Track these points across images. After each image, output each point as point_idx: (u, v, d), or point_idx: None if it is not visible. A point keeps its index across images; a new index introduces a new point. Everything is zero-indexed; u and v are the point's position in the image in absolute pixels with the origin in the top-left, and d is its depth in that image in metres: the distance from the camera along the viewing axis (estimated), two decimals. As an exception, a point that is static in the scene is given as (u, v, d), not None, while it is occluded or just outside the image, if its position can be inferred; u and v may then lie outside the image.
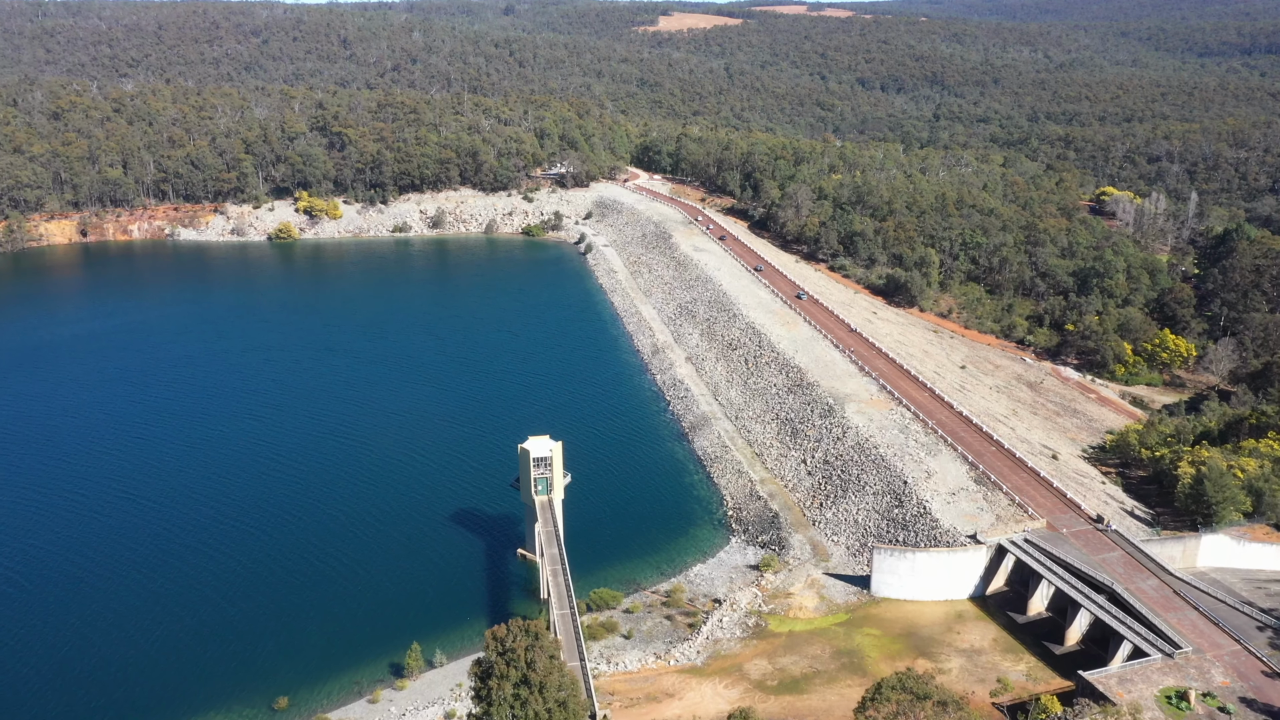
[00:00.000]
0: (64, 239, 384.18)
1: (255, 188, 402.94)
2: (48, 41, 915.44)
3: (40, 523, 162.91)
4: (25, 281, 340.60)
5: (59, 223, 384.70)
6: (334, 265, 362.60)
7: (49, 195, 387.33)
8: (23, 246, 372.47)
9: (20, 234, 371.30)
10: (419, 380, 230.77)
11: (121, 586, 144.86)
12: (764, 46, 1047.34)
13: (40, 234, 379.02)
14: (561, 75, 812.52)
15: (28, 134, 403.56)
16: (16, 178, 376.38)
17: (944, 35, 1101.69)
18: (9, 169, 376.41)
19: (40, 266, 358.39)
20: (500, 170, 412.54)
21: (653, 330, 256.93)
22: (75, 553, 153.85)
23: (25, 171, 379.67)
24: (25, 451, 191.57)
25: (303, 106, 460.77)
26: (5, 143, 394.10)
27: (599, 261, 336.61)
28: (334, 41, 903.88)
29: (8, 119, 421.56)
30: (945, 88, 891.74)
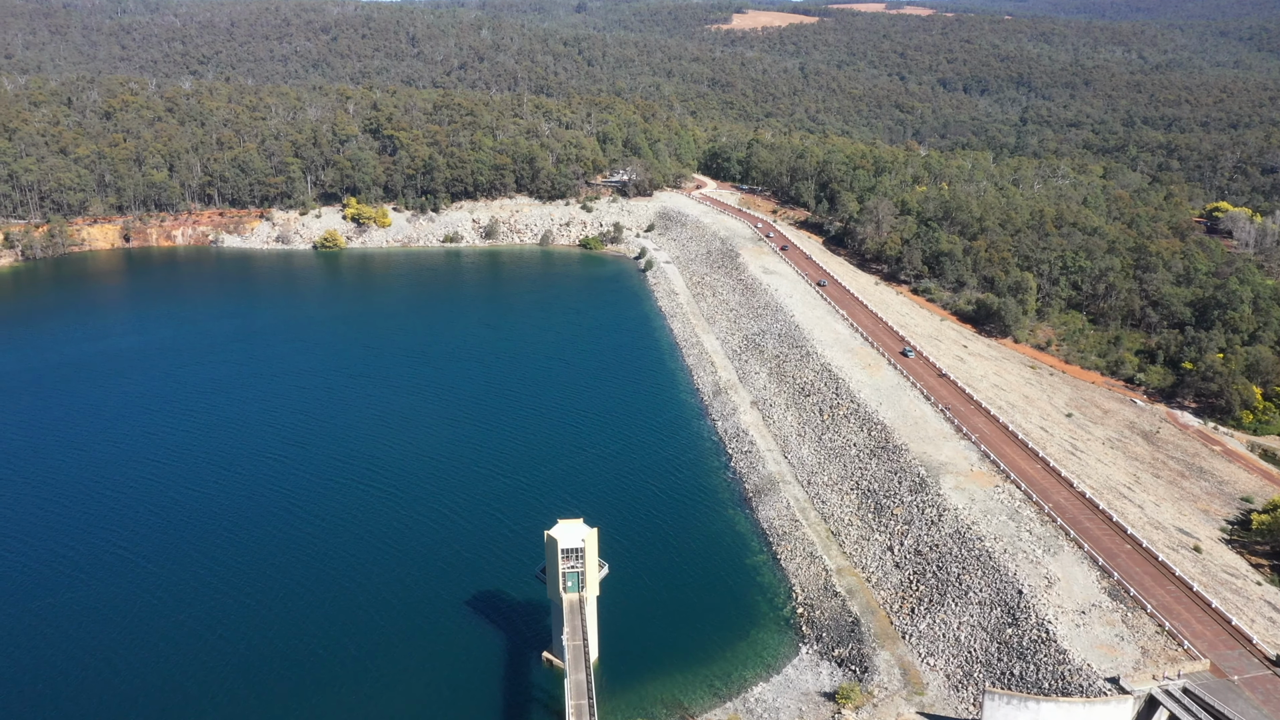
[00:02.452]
0: (106, 244, 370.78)
1: (303, 193, 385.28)
2: (124, 38, 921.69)
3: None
4: (62, 289, 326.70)
5: (102, 227, 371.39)
6: (380, 278, 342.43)
7: (93, 198, 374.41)
8: (64, 251, 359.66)
9: (62, 238, 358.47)
10: (458, 417, 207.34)
11: (93, 644, 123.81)
12: (841, 45, 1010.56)
13: (83, 238, 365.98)
14: (630, 75, 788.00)
15: (75, 135, 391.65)
16: (59, 180, 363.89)
17: (1030, 34, 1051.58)
18: (51, 171, 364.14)
19: (80, 274, 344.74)
20: (558, 178, 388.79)
21: (715, 366, 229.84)
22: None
23: (68, 174, 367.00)
24: (13, 496, 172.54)
25: (357, 108, 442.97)
26: (51, 143, 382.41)
27: (659, 280, 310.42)
28: (402, 39, 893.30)
29: (57, 118, 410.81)
30: (1032, 89, 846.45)
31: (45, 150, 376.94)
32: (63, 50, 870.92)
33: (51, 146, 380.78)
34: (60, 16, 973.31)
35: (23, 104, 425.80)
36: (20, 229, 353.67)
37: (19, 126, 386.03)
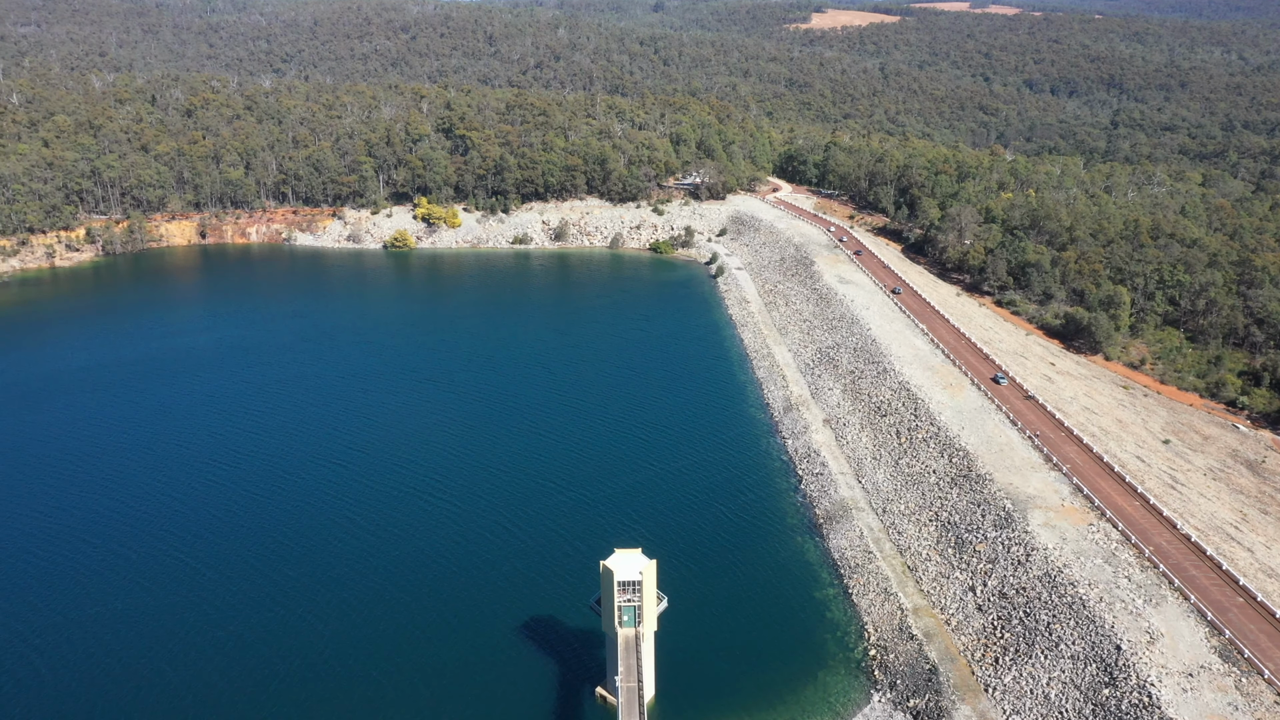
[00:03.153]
0: (183, 240, 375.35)
1: (375, 192, 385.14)
2: (211, 36, 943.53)
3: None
4: (139, 284, 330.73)
5: (179, 223, 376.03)
6: (449, 279, 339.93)
7: (171, 195, 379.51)
8: (143, 247, 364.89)
9: (141, 234, 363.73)
10: (521, 426, 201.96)
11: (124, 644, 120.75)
12: (923, 45, 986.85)
13: (161, 234, 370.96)
14: (706, 74, 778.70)
15: (156, 132, 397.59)
16: (139, 177, 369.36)
17: (1123, 34, 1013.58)
18: (132, 168, 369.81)
19: (157, 269, 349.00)
20: (630, 179, 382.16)
21: (786, 380, 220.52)
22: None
23: (148, 171, 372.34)
24: (78, 492, 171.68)
25: (431, 107, 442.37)
26: (133, 140, 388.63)
27: (730, 288, 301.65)
28: (480, 38, 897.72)
29: (140, 115, 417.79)
30: (1124, 91, 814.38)
31: (127, 147, 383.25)
32: (154, 48, 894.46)
33: (134, 144, 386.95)
34: (153, 16, 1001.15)
35: (109, 102, 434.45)
36: (101, 224, 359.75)
37: (104, 124, 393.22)
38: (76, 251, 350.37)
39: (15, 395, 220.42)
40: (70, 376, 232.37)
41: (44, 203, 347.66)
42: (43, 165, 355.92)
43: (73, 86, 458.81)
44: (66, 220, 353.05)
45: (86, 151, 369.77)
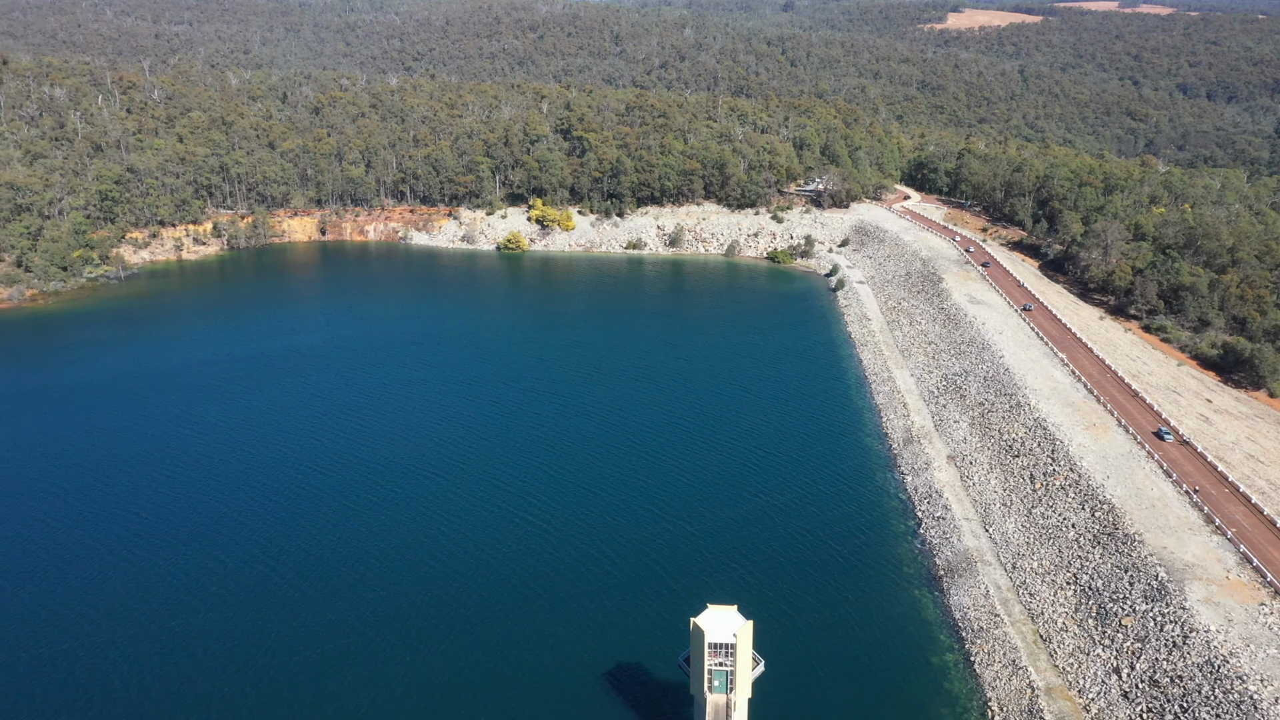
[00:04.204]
0: (304, 236, 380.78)
1: (490, 193, 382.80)
2: (348, 35, 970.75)
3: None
4: (260, 280, 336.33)
5: (301, 219, 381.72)
6: (560, 284, 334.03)
7: (295, 191, 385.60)
8: (265, 242, 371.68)
9: (264, 229, 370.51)
10: (622, 445, 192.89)
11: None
12: (1066, 47, 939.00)
13: (283, 230, 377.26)
14: (835, 76, 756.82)
15: (284, 129, 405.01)
16: (265, 173, 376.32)
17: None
18: (258, 165, 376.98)
19: (278, 264, 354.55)
20: (749, 185, 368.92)
21: (907, 408, 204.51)
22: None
23: (274, 167, 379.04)
24: (178, 494, 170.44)
25: (551, 107, 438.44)
26: (262, 137, 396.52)
27: (851, 302, 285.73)
28: (606, 37, 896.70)
29: (270, 113, 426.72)
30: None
31: (256, 144, 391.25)
32: (294, 46, 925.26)
33: (262, 140, 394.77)
34: (295, 15, 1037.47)
35: (242, 99, 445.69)
36: (227, 219, 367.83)
37: (235, 121, 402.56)
38: (203, 245, 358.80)
39: (132, 390, 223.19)
40: (186, 373, 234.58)
41: (175, 197, 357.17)
42: (176, 160, 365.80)
43: (210, 83, 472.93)
44: (195, 214, 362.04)
45: (217, 147, 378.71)
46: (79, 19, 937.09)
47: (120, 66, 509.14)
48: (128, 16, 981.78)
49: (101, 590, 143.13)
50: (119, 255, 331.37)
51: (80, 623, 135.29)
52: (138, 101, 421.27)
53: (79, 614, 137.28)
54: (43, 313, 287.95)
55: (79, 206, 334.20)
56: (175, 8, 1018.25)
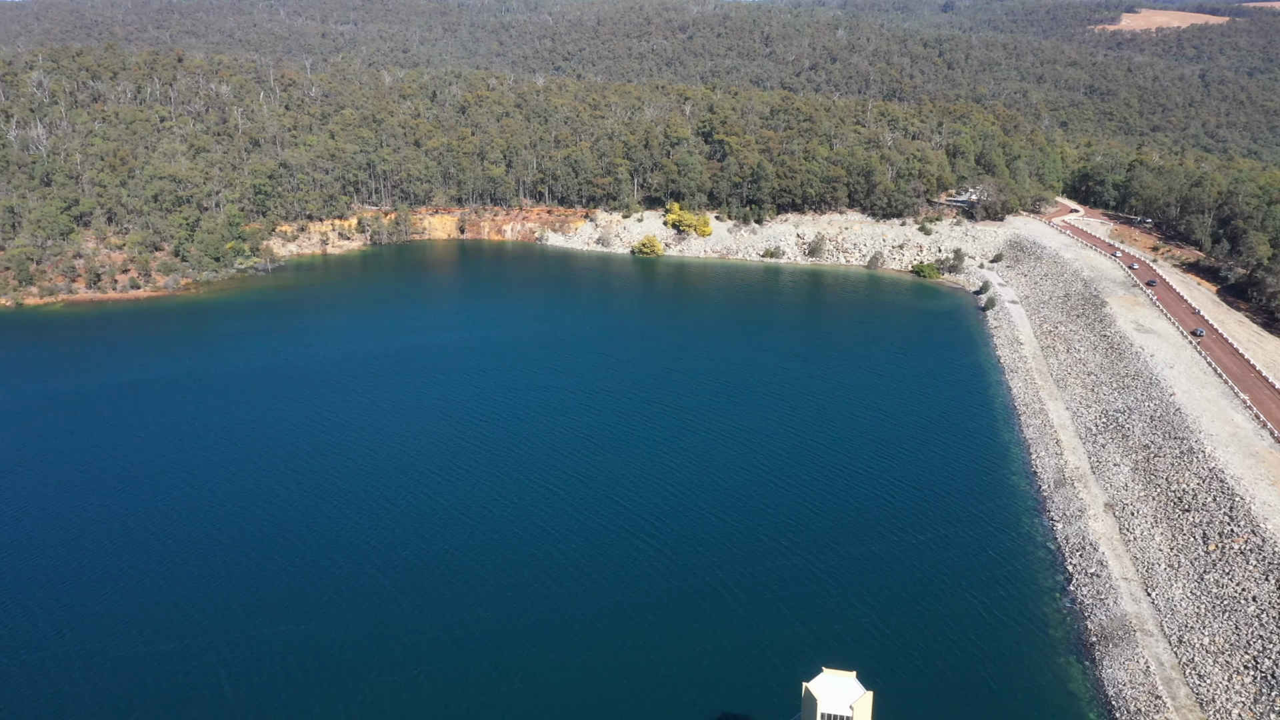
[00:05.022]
0: (444, 234, 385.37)
1: (628, 195, 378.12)
2: (502, 35, 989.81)
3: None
4: (400, 276, 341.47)
5: (441, 217, 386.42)
6: (693, 291, 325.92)
7: (437, 189, 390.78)
8: (406, 238, 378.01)
9: (406, 226, 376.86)
10: (746, 469, 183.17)
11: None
12: (1255, 50, 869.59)
13: (423, 227, 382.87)
14: (994, 79, 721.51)
15: (430, 127, 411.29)
16: (409, 171, 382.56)
17: None
18: (403, 162, 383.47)
19: (417, 261, 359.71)
20: (896, 194, 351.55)
21: (1060, 445, 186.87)
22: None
23: (418, 165, 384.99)
24: (288, 504, 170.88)
25: (694, 109, 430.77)
26: (408, 135, 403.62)
27: (1001, 323, 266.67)
28: (756, 38, 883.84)
29: (419, 111, 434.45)
30: None
31: (402, 141, 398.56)
32: (450, 46, 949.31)
33: (408, 138, 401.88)
34: (454, 15, 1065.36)
35: (394, 97, 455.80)
36: (371, 215, 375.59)
37: (385, 118, 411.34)
38: (347, 240, 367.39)
39: (268, 383, 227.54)
40: (319, 368, 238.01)
41: (323, 192, 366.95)
42: (326, 156, 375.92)
43: (365, 82, 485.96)
44: (341, 210, 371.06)
45: (366, 144, 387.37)
46: (255, 19, 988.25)
47: (284, 64, 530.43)
48: (299, 16, 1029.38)
49: (219, 586, 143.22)
50: (268, 248, 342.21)
51: (198, 618, 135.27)
52: (296, 98, 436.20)
53: (199, 609, 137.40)
54: (194, 301, 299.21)
55: (234, 199, 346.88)
56: (342, 8, 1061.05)
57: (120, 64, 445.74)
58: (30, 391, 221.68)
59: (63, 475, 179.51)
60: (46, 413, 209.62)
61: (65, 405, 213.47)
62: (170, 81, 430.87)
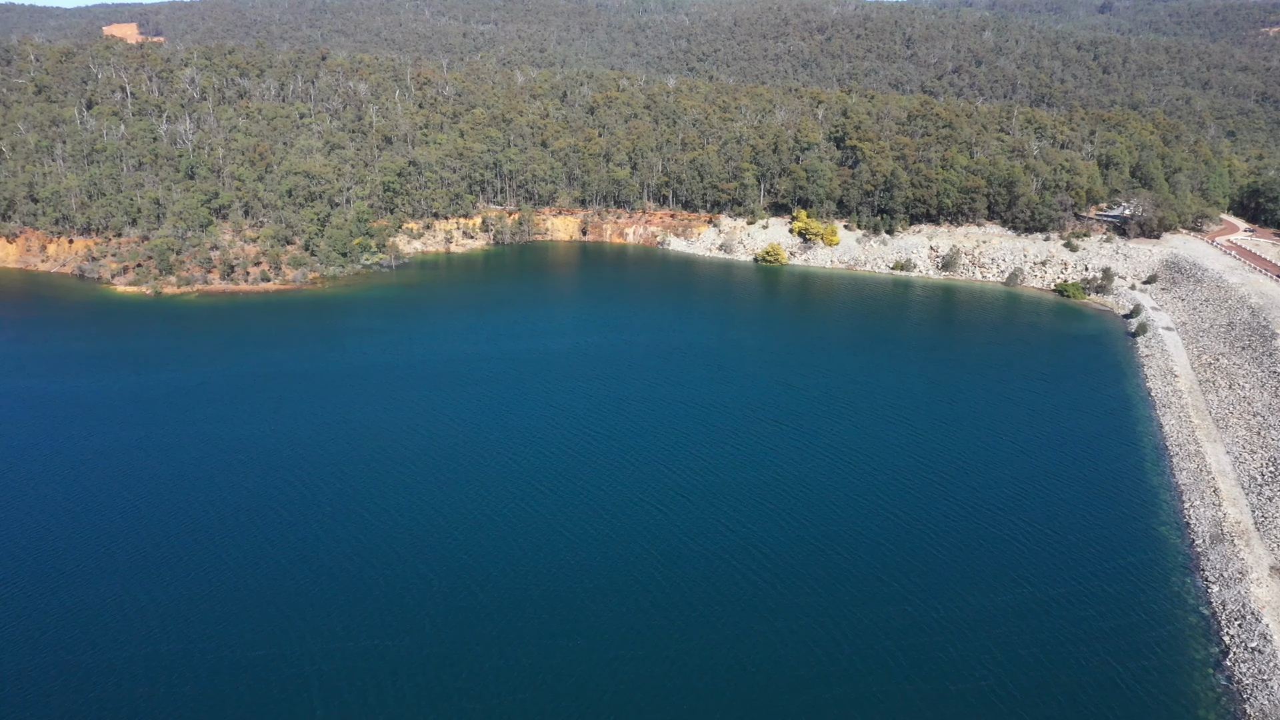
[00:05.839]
0: (565, 235, 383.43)
1: (754, 201, 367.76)
2: (638, 35, 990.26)
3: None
4: (521, 276, 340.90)
5: (564, 218, 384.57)
6: (818, 302, 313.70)
7: (561, 190, 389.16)
8: (529, 239, 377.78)
9: (529, 226, 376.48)
10: (870, 497, 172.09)
11: None
12: None
13: (546, 228, 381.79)
14: (1154, 85, 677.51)
15: (558, 128, 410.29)
16: (534, 171, 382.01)
17: None
18: (529, 163, 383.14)
19: (538, 262, 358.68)
20: (1040, 207, 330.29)
21: (1219, 495, 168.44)
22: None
23: (544, 166, 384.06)
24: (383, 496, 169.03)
25: (827, 113, 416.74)
26: (536, 135, 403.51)
27: (1153, 352, 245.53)
28: (897, 40, 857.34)
29: (548, 111, 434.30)
30: None
31: (529, 141, 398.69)
32: (586, 45, 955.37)
33: (535, 138, 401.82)
34: (592, 15, 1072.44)
35: (524, 96, 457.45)
36: (496, 214, 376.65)
37: (514, 118, 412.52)
38: (470, 239, 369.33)
39: (382, 382, 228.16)
40: (433, 369, 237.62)
41: (449, 190, 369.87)
42: (455, 155, 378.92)
43: (498, 81, 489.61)
44: (466, 209, 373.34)
45: (493, 144, 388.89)
46: (401, 19, 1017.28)
47: (423, 63, 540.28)
48: (443, 16, 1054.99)
49: (318, 590, 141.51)
50: (394, 244, 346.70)
51: (295, 622, 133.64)
52: (429, 97, 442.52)
53: (296, 612, 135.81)
54: (319, 295, 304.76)
55: (364, 196, 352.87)
56: (484, 8, 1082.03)
57: (267, 62, 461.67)
58: (160, 380, 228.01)
59: (179, 466, 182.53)
60: (172, 401, 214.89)
61: (190, 395, 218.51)
62: (313, 79, 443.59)
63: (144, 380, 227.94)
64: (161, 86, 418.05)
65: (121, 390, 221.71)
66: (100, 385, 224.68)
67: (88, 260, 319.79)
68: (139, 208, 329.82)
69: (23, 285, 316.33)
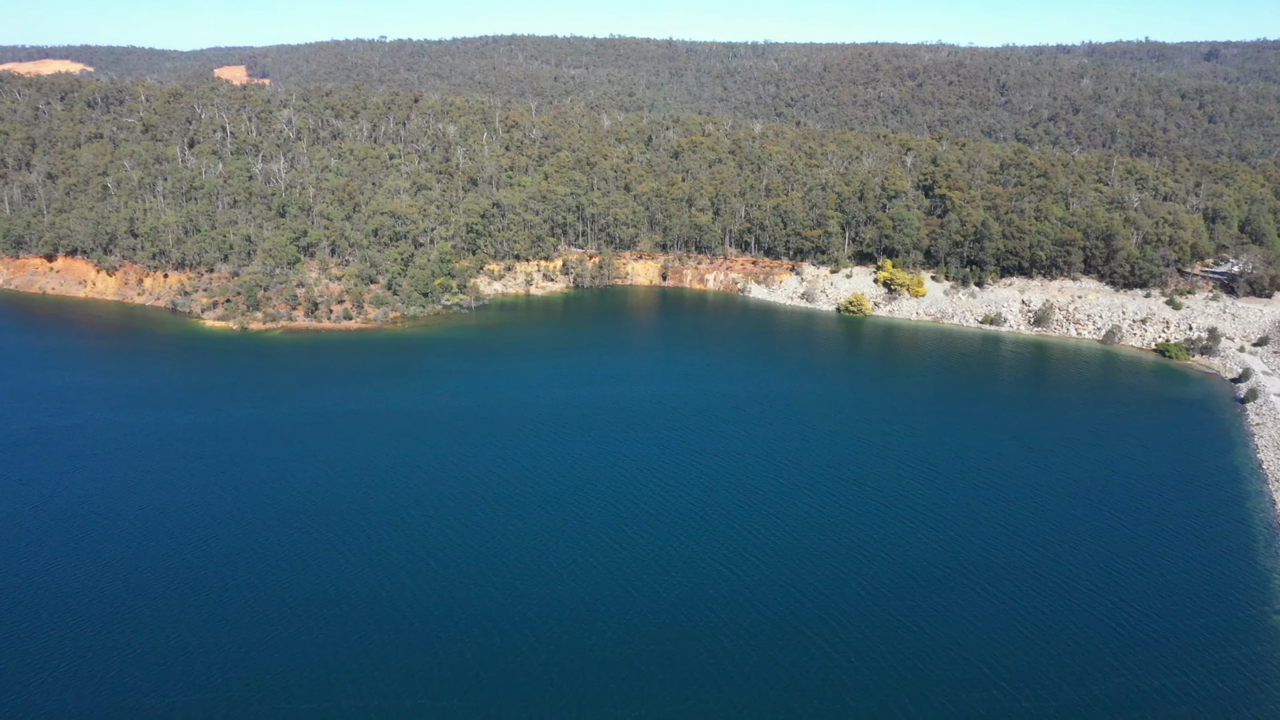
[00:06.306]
0: (645, 280, 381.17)
1: (838, 249, 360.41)
2: (727, 80, 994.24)
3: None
4: (599, 320, 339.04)
5: (644, 263, 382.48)
6: (903, 356, 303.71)
7: (642, 234, 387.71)
8: (609, 283, 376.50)
9: (609, 270, 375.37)
10: (955, 566, 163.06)
11: None
12: None
13: (626, 272, 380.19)
14: (1265, 135, 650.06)
15: (641, 172, 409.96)
16: (616, 215, 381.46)
17: None
18: (611, 206, 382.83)
19: (617, 306, 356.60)
20: (1141, 261, 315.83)
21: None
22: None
23: (626, 209, 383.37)
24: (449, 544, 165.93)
25: (916, 160, 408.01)
26: (619, 179, 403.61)
27: (1265, 420, 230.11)
28: (991, 86, 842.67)
29: (632, 155, 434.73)
30: None
31: (612, 185, 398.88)
32: (675, 90, 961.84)
33: (619, 182, 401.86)
34: (681, 60, 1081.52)
35: (609, 140, 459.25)
36: (576, 257, 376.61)
37: (598, 161, 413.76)
38: (550, 281, 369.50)
39: (456, 424, 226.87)
40: (507, 413, 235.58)
41: (531, 232, 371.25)
42: (538, 198, 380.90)
43: (584, 124, 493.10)
44: (548, 251, 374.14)
45: (576, 187, 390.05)
46: (495, 63, 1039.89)
47: (513, 106, 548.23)
48: (535, 60, 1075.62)
49: (376, 641, 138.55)
50: (474, 285, 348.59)
51: (352, 674, 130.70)
52: (516, 139, 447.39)
53: (356, 663, 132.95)
54: (400, 335, 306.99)
55: (447, 237, 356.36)
56: (576, 53, 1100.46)
57: (362, 103, 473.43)
58: (237, 417, 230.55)
59: (248, 506, 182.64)
60: (248, 438, 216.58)
61: (266, 432, 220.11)
62: (404, 120, 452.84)
63: (222, 416, 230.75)
64: (260, 126, 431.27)
65: (200, 425, 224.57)
66: (180, 420, 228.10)
67: (180, 294, 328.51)
68: (231, 244, 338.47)
69: (119, 318, 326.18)
